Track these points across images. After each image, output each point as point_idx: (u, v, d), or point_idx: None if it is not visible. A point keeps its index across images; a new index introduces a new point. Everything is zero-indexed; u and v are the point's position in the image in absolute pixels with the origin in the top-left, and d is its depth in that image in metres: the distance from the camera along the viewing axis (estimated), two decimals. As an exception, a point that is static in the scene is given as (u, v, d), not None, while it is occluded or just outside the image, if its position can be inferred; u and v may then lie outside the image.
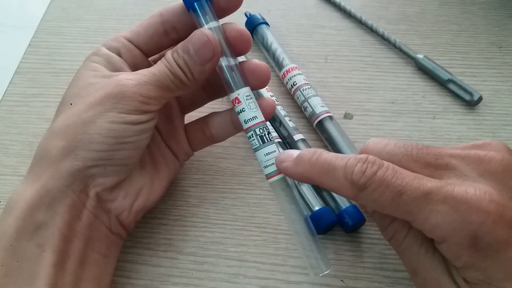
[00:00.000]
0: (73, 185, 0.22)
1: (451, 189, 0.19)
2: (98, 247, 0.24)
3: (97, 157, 0.22)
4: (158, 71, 0.23)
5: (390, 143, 0.22)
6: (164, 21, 0.25)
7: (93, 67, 0.24)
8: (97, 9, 0.41)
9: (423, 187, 0.19)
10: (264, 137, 0.24)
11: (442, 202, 0.19)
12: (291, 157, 0.23)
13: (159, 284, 0.27)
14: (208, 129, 0.28)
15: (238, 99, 0.24)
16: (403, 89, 0.35)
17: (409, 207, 0.19)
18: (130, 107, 0.22)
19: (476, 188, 0.19)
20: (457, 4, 0.40)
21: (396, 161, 0.21)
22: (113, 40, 0.25)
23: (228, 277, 0.27)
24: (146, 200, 0.26)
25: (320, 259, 0.23)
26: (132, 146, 0.23)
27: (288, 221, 0.24)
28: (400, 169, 0.20)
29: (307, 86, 0.33)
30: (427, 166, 0.21)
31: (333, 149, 0.31)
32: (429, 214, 0.19)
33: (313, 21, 0.40)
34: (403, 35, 0.38)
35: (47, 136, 0.23)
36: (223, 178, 0.31)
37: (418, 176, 0.20)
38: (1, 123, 0.34)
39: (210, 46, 0.23)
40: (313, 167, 0.22)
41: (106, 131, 0.22)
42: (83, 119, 0.22)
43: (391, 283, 0.27)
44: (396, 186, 0.19)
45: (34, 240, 0.21)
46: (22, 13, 0.42)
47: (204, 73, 0.23)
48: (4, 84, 0.36)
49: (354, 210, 0.28)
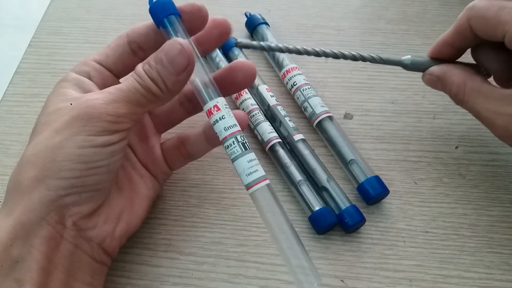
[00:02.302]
0: (47, 217, 0.21)
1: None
2: (81, 276, 0.23)
3: (69, 184, 0.21)
4: (126, 87, 0.22)
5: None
6: (130, 41, 0.25)
7: (62, 92, 0.23)
8: (97, 9, 0.41)
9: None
10: (245, 144, 0.23)
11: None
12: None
13: (159, 284, 0.27)
14: (184, 147, 0.28)
15: (217, 106, 0.23)
16: (403, 89, 0.35)
17: (507, 18, 0.23)
18: (98, 128, 0.21)
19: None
20: (457, 4, 0.40)
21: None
22: (82, 64, 0.25)
23: (228, 277, 0.27)
24: (128, 224, 0.25)
25: (309, 273, 0.22)
26: (104, 169, 0.22)
27: (272, 234, 0.23)
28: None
29: (307, 86, 0.33)
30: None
31: (333, 149, 0.31)
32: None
33: (313, 21, 0.40)
34: (403, 35, 0.38)
35: (17, 167, 0.22)
36: (223, 178, 0.31)
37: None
38: (1, 123, 0.34)
39: (185, 54, 0.22)
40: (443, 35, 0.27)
41: (75, 157, 0.21)
42: (51, 146, 0.21)
43: (391, 283, 0.27)
44: (500, 3, 0.24)
45: (11, 275, 0.21)
46: (22, 13, 0.42)
47: (178, 83, 0.23)
48: (4, 84, 0.36)
49: (354, 210, 0.28)
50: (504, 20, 0.24)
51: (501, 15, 0.24)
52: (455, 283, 0.27)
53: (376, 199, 0.29)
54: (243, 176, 0.23)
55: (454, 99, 0.28)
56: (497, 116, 0.25)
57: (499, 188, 0.30)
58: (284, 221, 0.22)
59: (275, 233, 0.22)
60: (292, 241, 0.22)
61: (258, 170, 0.23)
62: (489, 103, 0.25)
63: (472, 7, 0.25)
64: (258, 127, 0.31)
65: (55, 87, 0.24)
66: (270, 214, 0.22)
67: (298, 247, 0.22)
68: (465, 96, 0.26)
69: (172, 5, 0.23)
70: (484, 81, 0.26)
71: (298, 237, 0.23)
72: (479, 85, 0.26)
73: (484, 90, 0.25)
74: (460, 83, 0.26)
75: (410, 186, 0.30)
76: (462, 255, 0.28)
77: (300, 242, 0.22)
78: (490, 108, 0.25)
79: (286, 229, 0.22)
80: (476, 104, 0.26)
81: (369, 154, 0.32)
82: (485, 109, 0.25)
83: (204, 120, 0.26)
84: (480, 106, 0.25)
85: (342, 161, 0.30)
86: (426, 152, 0.32)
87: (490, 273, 0.27)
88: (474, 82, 0.26)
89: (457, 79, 0.27)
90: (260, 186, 0.23)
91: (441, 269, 0.27)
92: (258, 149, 0.32)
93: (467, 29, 0.26)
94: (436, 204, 0.30)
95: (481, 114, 0.26)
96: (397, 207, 0.30)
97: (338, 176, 0.31)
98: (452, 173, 0.31)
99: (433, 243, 0.28)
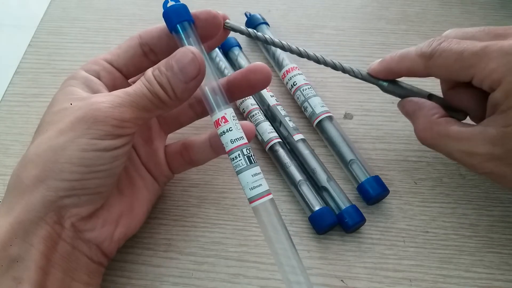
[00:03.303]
0: (46, 217, 0.21)
1: (506, 42, 0.23)
2: (79, 276, 0.23)
3: (69, 186, 0.21)
4: (134, 91, 0.22)
5: (468, 28, 0.25)
6: (142, 43, 0.24)
7: (70, 91, 0.23)
8: (97, 9, 0.41)
9: (482, 44, 0.23)
10: (251, 158, 0.23)
11: (498, 49, 0.22)
12: (376, 62, 0.28)
13: (159, 284, 0.27)
14: (188, 153, 0.28)
15: (225, 118, 0.23)
16: (403, 89, 0.35)
17: (469, 61, 0.23)
18: (102, 132, 0.21)
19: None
20: (457, 4, 0.40)
21: (469, 37, 0.25)
22: (92, 63, 0.25)
23: (229, 277, 0.27)
24: (127, 228, 0.25)
25: (303, 283, 0.22)
26: (106, 174, 0.22)
27: (272, 249, 0.23)
28: (464, 40, 0.24)
29: (307, 86, 0.33)
30: (497, 36, 0.24)
31: (333, 149, 0.31)
32: (487, 62, 0.23)
33: (313, 21, 0.40)
34: (403, 35, 0.38)
35: (19, 165, 0.22)
36: (223, 178, 0.31)
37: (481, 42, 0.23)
38: (1, 123, 0.34)
39: (196, 63, 0.22)
40: (393, 59, 0.27)
41: (77, 160, 0.21)
42: (54, 147, 0.21)
43: (391, 283, 0.27)
44: (458, 48, 0.24)
45: (9, 273, 0.21)
46: (22, 13, 0.42)
47: (187, 91, 0.22)
48: (4, 84, 0.36)
49: (354, 210, 0.28)
50: (467, 65, 0.23)
51: (463, 59, 0.23)
52: (455, 283, 0.27)
53: (376, 199, 0.29)
54: (247, 190, 0.23)
55: (421, 142, 0.26)
56: (472, 156, 0.24)
57: (499, 188, 0.30)
58: (285, 238, 0.23)
59: (275, 248, 0.23)
60: (291, 258, 0.22)
61: (262, 185, 0.23)
62: (460, 145, 0.24)
63: (431, 57, 0.25)
64: (258, 127, 0.31)
65: (63, 84, 0.24)
66: (272, 229, 0.23)
67: (296, 263, 0.22)
68: (432, 140, 0.25)
69: (186, 11, 0.23)
70: (451, 123, 0.25)
71: (298, 253, 0.23)
72: (445, 129, 0.25)
73: (452, 133, 0.24)
74: (426, 128, 0.26)
75: (410, 186, 0.30)
76: (462, 255, 0.28)
77: (299, 259, 0.23)
78: (462, 149, 0.24)
79: (286, 245, 0.22)
80: (447, 146, 0.25)
81: (369, 154, 0.32)
82: (457, 151, 0.24)
83: (210, 124, 0.25)
84: (451, 149, 0.25)
85: (342, 161, 0.30)
86: (426, 152, 0.32)
87: (490, 273, 0.27)
88: (440, 127, 0.25)
89: (422, 123, 0.26)
90: (263, 201, 0.23)
91: (441, 269, 0.27)
92: (258, 149, 0.32)
93: (422, 72, 0.26)
94: (436, 204, 0.30)
95: (454, 155, 0.25)
96: (397, 207, 0.30)
97: (338, 176, 0.31)
98: (452, 173, 0.31)
99: (433, 243, 0.28)
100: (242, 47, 0.36)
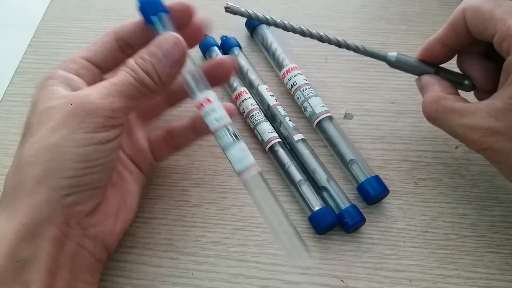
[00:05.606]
0: (52, 218, 0.21)
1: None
2: (83, 275, 0.23)
3: (70, 184, 0.21)
4: (119, 80, 0.22)
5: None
6: (118, 38, 0.25)
7: (51, 91, 0.23)
8: (97, 9, 0.41)
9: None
10: (236, 134, 0.24)
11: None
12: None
13: (159, 284, 0.27)
14: (172, 139, 0.28)
15: (208, 99, 0.24)
16: (403, 89, 0.35)
17: (500, 15, 0.23)
18: (96, 124, 0.21)
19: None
20: (457, 4, 0.40)
21: None
22: (69, 61, 0.24)
23: (229, 277, 0.27)
24: (125, 220, 0.26)
25: (298, 245, 0.23)
26: (103, 168, 0.22)
27: (264, 215, 0.23)
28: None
29: (307, 86, 0.33)
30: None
31: (333, 149, 0.31)
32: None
33: (313, 21, 0.40)
34: (403, 35, 0.38)
35: (14, 168, 0.22)
36: (223, 178, 0.31)
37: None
38: (1, 123, 0.34)
39: (180, 46, 0.23)
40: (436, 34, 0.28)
41: (75, 156, 0.21)
42: (49, 145, 0.21)
43: (391, 283, 0.27)
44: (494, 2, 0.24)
45: (18, 277, 0.21)
46: (22, 13, 0.42)
47: (171, 75, 0.23)
48: (4, 84, 0.36)
49: (354, 210, 0.28)
50: (497, 17, 0.24)
51: (495, 12, 0.24)
52: (455, 283, 0.27)
53: (376, 199, 0.29)
54: (236, 165, 0.24)
55: (425, 116, 0.27)
56: (473, 130, 0.24)
57: (499, 188, 0.30)
58: (275, 202, 0.23)
59: (266, 213, 0.23)
60: (284, 224, 0.23)
61: (249, 158, 0.24)
62: (463, 119, 0.25)
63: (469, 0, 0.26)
64: (258, 127, 0.31)
65: (41, 85, 0.23)
66: (263, 198, 0.23)
67: (291, 230, 0.23)
68: (437, 113, 0.26)
69: (160, 3, 0.24)
70: (458, 100, 0.26)
71: (288, 216, 0.23)
72: (452, 104, 0.25)
73: (458, 107, 0.25)
74: (433, 101, 0.26)
75: (410, 186, 0.30)
76: (462, 255, 0.28)
77: (290, 221, 0.23)
78: (464, 123, 0.25)
79: (276, 209, 0.23)
80: (450, 121, 0.25)
81: (369, 154, 0.32)
82: (460, 125, 0.25)
83: (188, 111, 0.26)
84: (454, 123, 0.25)
85: (342, 161, 0.30)
86: (426, 152, 0.32)
87: (490, 273, 0.27)
88: (447, 101, 0.26)
89: (431, 96, 0.27)
90: (253, 172, 0.23)
91: (441, 269, 0.27)
92: (258, 149, 0.32)
93: (461, 22, 0.26)
94: (436, 204, 0.30)
95: (456, 130, 0.25)
96: (397, 207, 0.30)
97: (338, 176, 0.31)
98: (452, 173, 0.31)
99: (433, 243, 0.28)
100: (242, 47, 0.36)
